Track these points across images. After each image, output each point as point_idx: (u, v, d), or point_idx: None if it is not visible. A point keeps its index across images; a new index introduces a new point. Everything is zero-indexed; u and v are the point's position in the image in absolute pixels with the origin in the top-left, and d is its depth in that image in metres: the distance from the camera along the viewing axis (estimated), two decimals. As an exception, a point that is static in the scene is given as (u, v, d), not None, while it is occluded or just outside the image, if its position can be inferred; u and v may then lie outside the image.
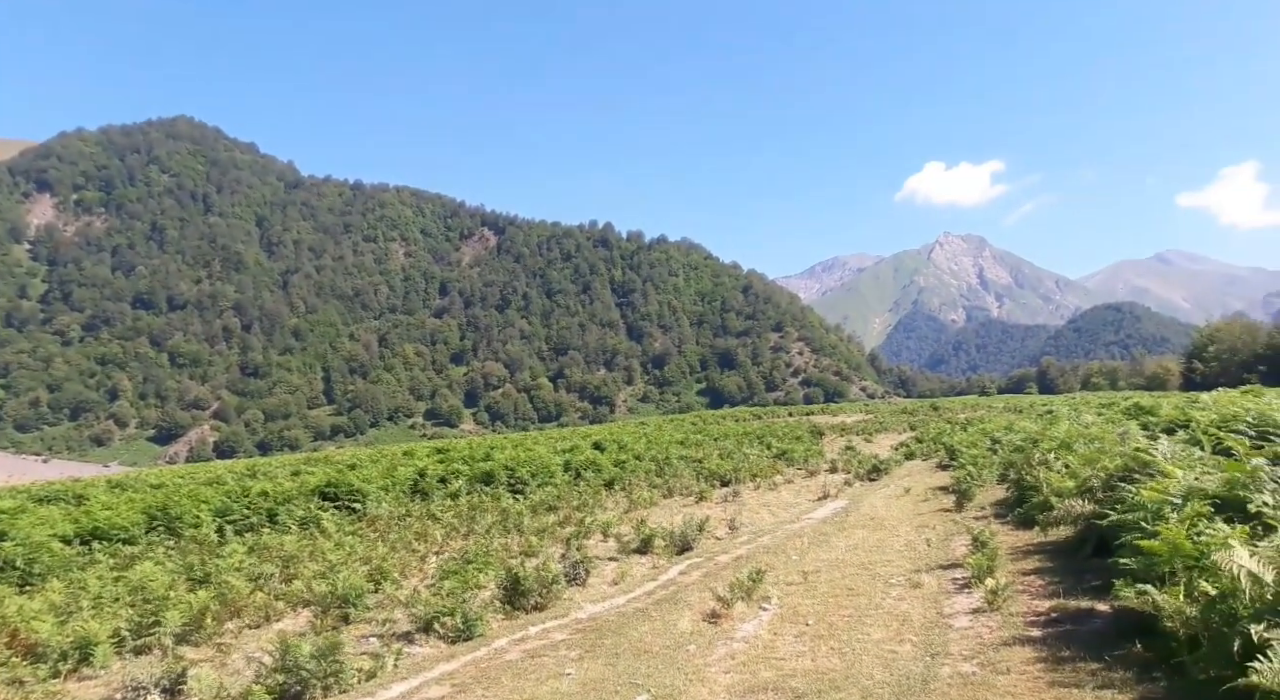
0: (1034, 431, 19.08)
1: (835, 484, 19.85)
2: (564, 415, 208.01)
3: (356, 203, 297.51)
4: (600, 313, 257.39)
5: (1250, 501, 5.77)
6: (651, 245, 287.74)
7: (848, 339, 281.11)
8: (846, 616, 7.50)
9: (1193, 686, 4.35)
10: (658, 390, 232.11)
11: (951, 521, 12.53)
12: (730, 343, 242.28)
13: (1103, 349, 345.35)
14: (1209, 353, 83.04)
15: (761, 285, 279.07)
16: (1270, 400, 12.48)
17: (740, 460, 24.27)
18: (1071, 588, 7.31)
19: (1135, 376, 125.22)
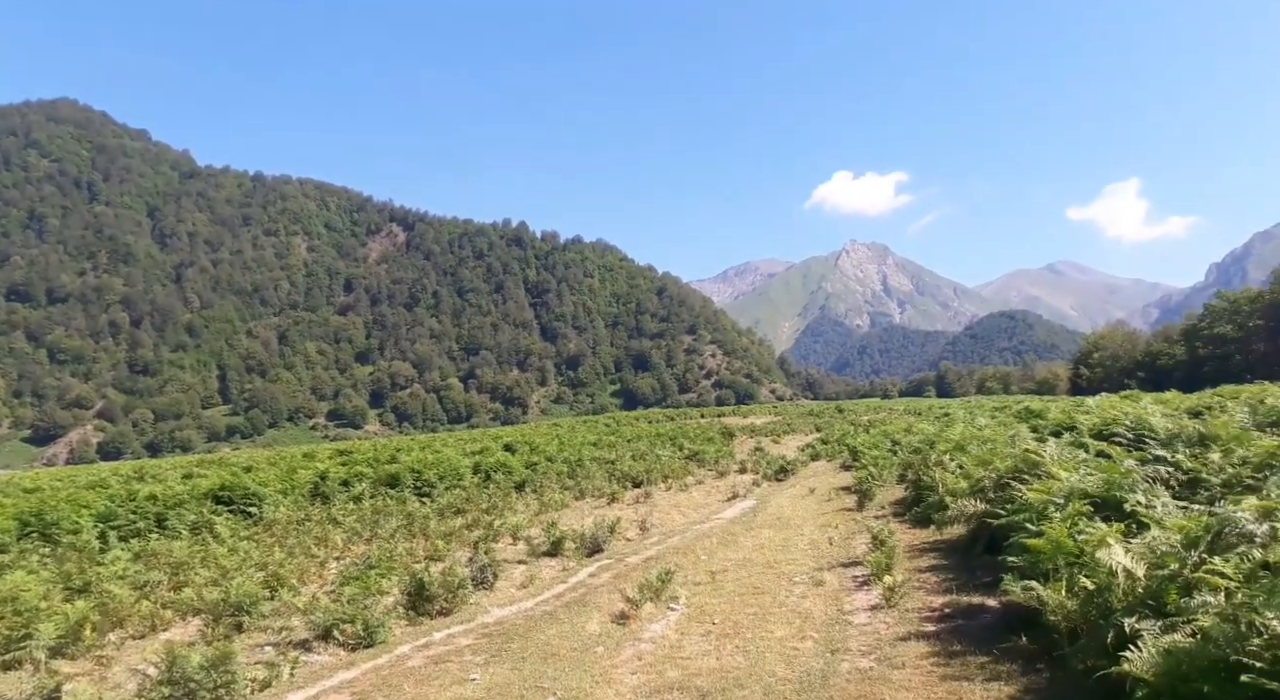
0: (931, 433, 19.89)
1: (744, 484, 20.20)
2: (475, 416, 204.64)
3: (256, 195, 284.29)
4: (513, 313, 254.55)
5: (1126, 501, 6.15)
6: (566, 246, 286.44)
7: (759, 342, 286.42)
8: (752, 615, 7.64)
9: (1072, 677, 4.59)
10: (572, 391, 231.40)
11: (853, 520, 12.91)
12: (645, 345, 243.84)
13: (997, 355, 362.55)
14: (1094, 359, 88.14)
15: (676, 288, 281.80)
16: (1147, 405, 13.32)
17: (653, 462, 24.42)
18: (964, 584, 7.63)
19: (1027, 381, 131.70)
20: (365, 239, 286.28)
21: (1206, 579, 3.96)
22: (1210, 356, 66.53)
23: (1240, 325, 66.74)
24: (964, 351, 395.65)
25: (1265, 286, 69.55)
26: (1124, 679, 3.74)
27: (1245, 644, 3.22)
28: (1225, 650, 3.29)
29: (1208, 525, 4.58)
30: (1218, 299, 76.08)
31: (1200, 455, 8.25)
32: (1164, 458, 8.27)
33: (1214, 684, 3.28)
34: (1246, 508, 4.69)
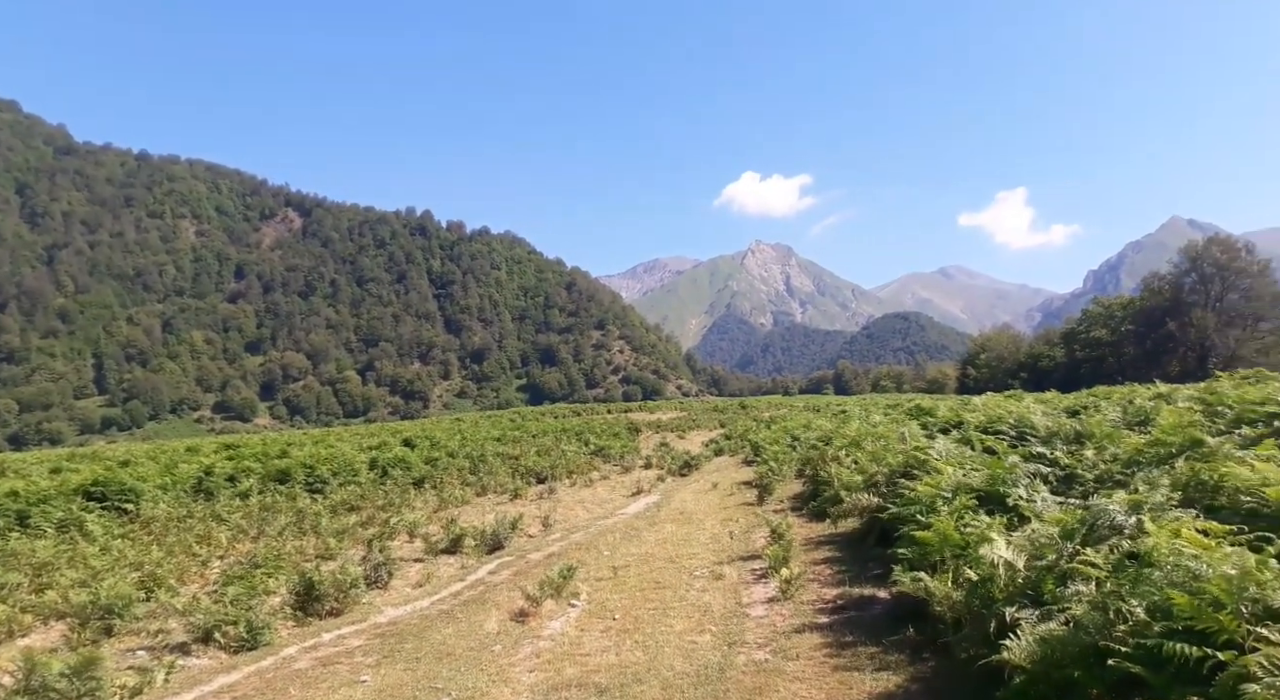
0: (829, 430, 20.47)
1: (649, 480, 20.30)
2: (373, 410, 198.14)
3: (141, 175, 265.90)
4: (416, 304, 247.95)
5: (1008, 495, 6.45)
6: (473, 236, 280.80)
7: (666, 339, 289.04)
8: (652, 609, 7.65)
9: (956, 665, 4.77)
10: (476, 386, 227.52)
11: (753, 514, 13.13)
12: (552, 339, 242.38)
13: (892, 354, 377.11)
14: (981, 360, 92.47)
15: (585, 283, 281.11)
16: (1029, 404, 14.06)
17: (558, 457, 24.26)
18: (857, 576, 7.84)
19: (919, 380, 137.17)
20: (259, 224, 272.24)
21: (1080, 569, 4.17)
22: (1087, 359, 70.87)
23: (1114, 330, 71.32)
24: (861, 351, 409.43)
25: (1136, 294, 74.46)
26: (1003, 667, 3.89)
27: (1113, 630, 3.40)
28: (1095, 636, 3.47)
29: (1082, 518, 4.83)
30: (1094, 305, 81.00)
31: (1076, 452, 8.74)
32: (1044, 454, 8.73)
33: (1084, 669, 3.46)
34: (1116, 501, 4.97)
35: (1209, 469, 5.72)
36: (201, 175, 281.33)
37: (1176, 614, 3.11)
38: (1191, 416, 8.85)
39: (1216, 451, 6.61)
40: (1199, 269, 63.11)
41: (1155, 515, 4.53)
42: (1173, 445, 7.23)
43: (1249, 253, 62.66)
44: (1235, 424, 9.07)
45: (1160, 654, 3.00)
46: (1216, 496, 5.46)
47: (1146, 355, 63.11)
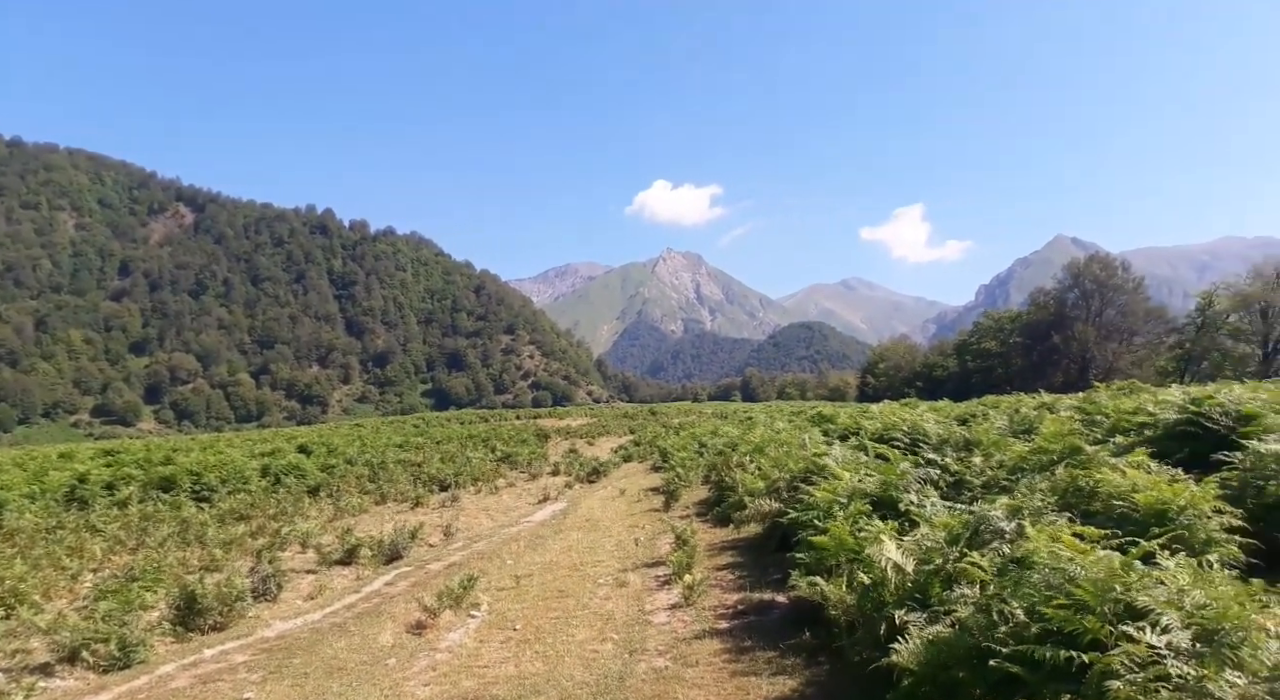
0: (734, 436, 20.78)
1: (556, 486, 20.15)
2: (267, 415, 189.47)
3: (14, 163, 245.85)
4: (315, 305, 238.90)
5: (900, 501, 6.66)
6: (377, 237, 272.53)
7: (577, 344, 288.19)
8: (554, 619, 7.56)
9: (850, 669, 4.87)
10: (378, 390, 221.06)
11: (659, 521, 13.17)
12: (460, 343, 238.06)
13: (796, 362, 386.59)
14: (879, 369, 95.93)
15: (495, 286, 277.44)
16: (922, 413, 14.58)
17: (462, 464, 23.82)
18: (757, 581, 7.94)
19: (821, 388, 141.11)
20: (146, 219, 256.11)
21: (965, 572, 4.33)
22: (978, 369, 74.40)
23: (1002, 342, 75.13)
24: (767, 359, 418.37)
25: (1024, 308, 78.56)
26: (893, 669, 3.99)
27: (995, 632, 3.53)
28: (978, 638, 3.60)
29: (967, 523, 5.02)
30: (984, 318, 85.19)
31: (965, 459, 9.11)
32: (935, 461, 9.06)
33: (968, 670, 3.57)
34: (1000, 507, 5.19)
35: (1086, 475, 6.04)
36: (83, 165, 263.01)
37: (1051, 616, 3.26)
38: (1071, 425, 9.36)
39: (1093, 459, 7.00)
40: (1081, 285, 67.08)
41: (1035, 520, 4.75)
42: (1054, 452, 7.61)
43: (1125, 271, 67.04)
44: (1111, 433, 9.63)
45: (1036, 654, 3.13)
46: (1092, 502, 5.76)
47: (1033, 366, 66.68)
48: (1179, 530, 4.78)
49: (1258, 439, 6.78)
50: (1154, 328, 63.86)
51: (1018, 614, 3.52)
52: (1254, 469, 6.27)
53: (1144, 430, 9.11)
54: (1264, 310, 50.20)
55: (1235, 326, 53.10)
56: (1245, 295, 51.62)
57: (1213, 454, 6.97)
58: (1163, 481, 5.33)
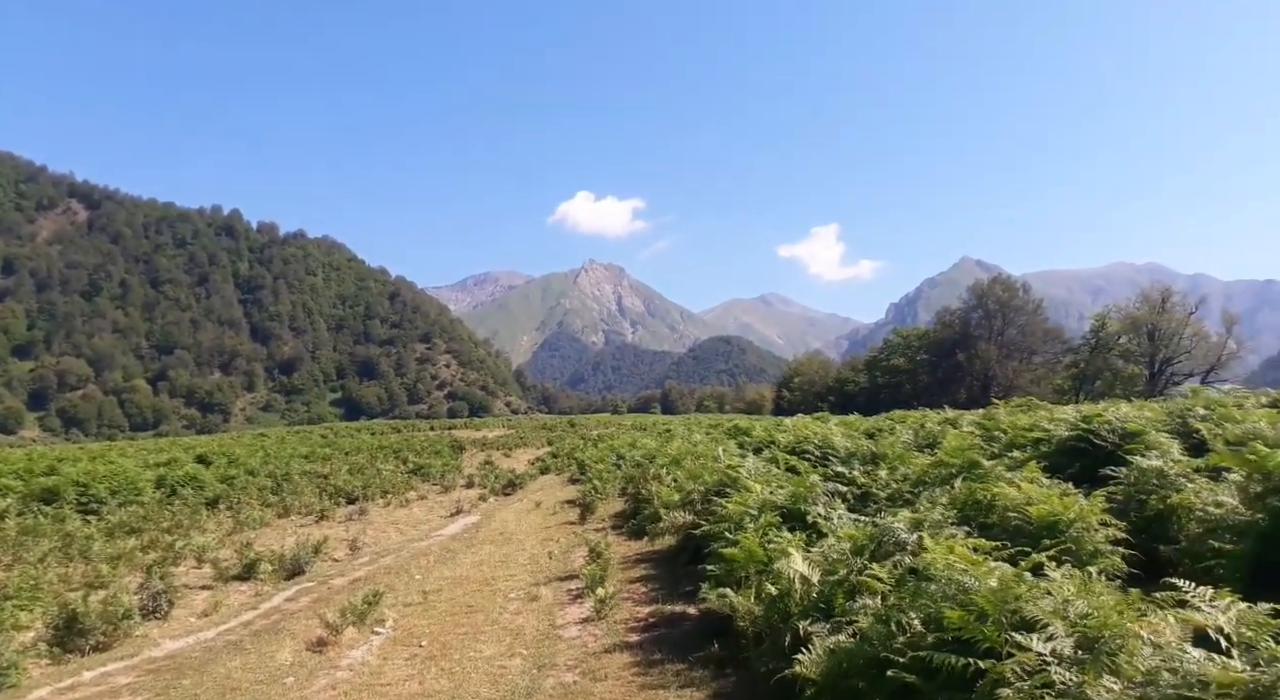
0: (652, 448, 20.84)
1: (470, 499, 19.79)
2: (165, 423, 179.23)
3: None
4: (219, 309, 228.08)
5: (809, 513, 6.78)
6: (286, 239, 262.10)
7: (496, 354, 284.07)
8: (462, 634, 7.40)
9: (756, 679, 4.91)
10: (284, 399, 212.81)
11: (575, 534, 13.08)
12: (373, 351, 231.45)
13: (715, 376, 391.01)
14: (794, 383, 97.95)
15: (410, 293, 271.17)
16: (832, 426, 14.94)
17: (371, 476, 23.18)
18: (670, 593, 7.96)
19: (739, 401, 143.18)
20: (34, 214, 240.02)
21: (867, 583, 4.42)
22: (887, 385, 76.73)
23: (910, 359, 77.73)
24: (687, 372, 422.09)
25: (931, 326, 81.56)
26: (796, 679, 4.04)
27: (893, 641, 3.62)
28: (878, 648, 3.68)
29: (870, 535, 5.14)
30: (894, 335, 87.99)
31: (872, 472, 9.37)
32: (843, 474, 9.28)
33: (868, 680, 3.65)
34: (902, 519, 5.34)
35: (983, 489, 6.27)
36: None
37: (947, 625, 3.36)
38: (971, 440, 9.73)
39: (990, 473, 7.28)
40: (984, 306, 70.06)
41: (934, 532, 4.89)
42: (954, 466, 7.90)
43: (1025, 292, 70.40)
44: (1008, 448, 10.07)
45: (932, 663, 3.22)
46: (989, 514, 5.99)
47: (938, 383, 69.18)
48: (1068, 542, 5.01)
49: (1141, 455, 7.18)
50: (1051, 347, 67.15)
51: (915, 624, 3.61)
52: (1137, 483, 6.64)
53: (1039, 446, 9.56)
54: (1151, 332, 53.38)
55: (1125, 348, 56.25)
56: (1134, 318, 54.80)
57: (1101, 469, 7.36)
58: (1054, 495, 5.57)
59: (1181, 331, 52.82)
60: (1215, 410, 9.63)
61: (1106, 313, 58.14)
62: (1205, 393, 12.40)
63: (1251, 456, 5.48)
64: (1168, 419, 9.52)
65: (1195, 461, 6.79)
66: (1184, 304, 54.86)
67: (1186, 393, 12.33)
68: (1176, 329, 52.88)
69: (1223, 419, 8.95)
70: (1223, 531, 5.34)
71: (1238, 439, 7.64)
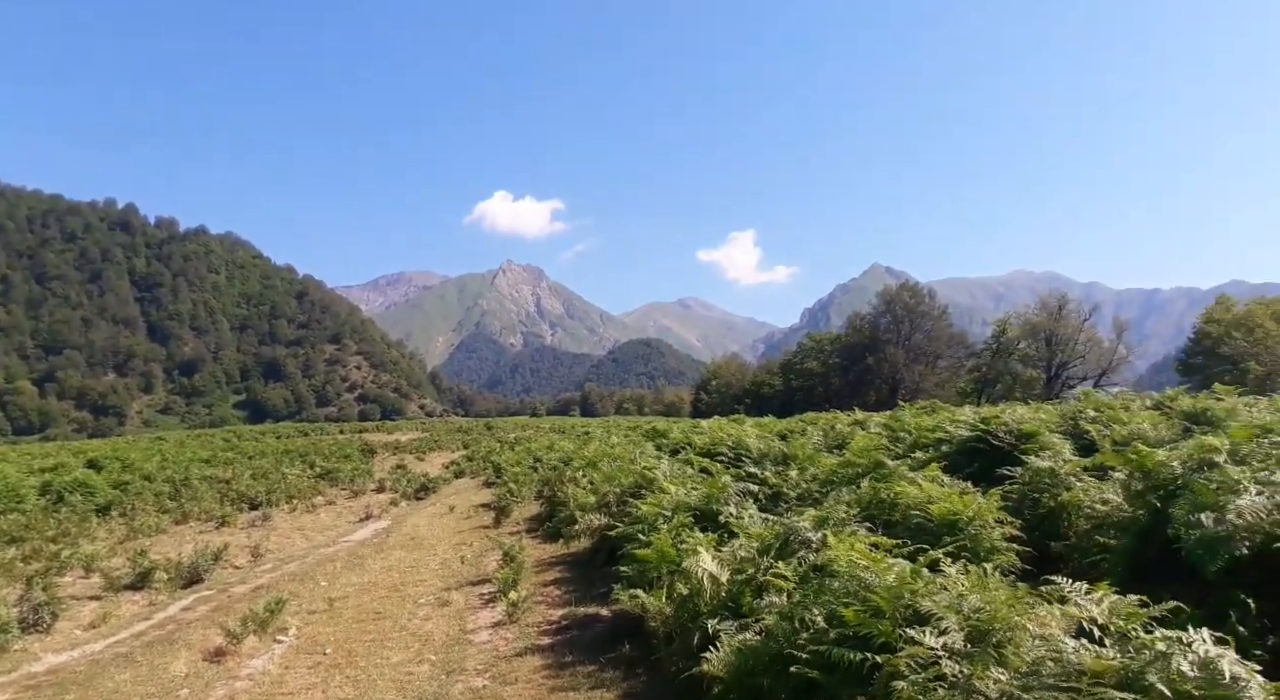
0: (570, 451, 20.78)
1: (381, 504, 19.32)
2: (53, 427, 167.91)
3: None
4: (113, 307, 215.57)
5: (721, 513, 6.86)
6: (187, 236, 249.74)
7: (410, 356, 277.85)
8: (369, 641, 7.21)
9: (666, 679, 4.94)
10: (184, 401, 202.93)
11: (488, 538, 12.92)
12: (279, 352, 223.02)
13: (634, 378, 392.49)
14: (712, 386, 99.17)
15: (319, 292, 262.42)
16: (747, 429, 15.19)
17: (276, 481, 22.36)
18: (583, 596, 7.93)
19: (658, 404, 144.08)
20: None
21: (773, 581, 4.50)
22: (800, 387, 78.46)
23: (823, 362, 79.73)
24: (607, 374, 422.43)
25: (842, 330, 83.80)
26: (704, 678, 4.08)
27: (797, 638, 3.69)
28: (783, 644, 3.74)
29: (779, 533, 5.24)
30: (807, 339, 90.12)
31: (783, 472, 9.55)
32: (755, 474, 9.44)
33: (772, 677, 3.71)
34: (807, 518, 5.46)
35: (887, 488, 6.47)
36: None
37: (847, 621, 3.45)
38: (878, 441, 10.04)
39: (894, 473, 7.52)
40: (892, 311, 72.43)
41: (838, 530, 5.02)
42: (860, 467, 8.12)
43: (932, 299, 73.12)
44: (912, 448, 10.41)
45: (832, 659, 3.30)
46: (892, 513, 6.17)
47: (849, 386, 71.08)
48: (966, 539, 5.21)
49: (1035, 455, 7.52)
50: (956, 352, 69.95)
51: (818, 620, 3.70)
52: (1031, 482, 6.95)
53: (941, 446, 9.92)
54: (1048, 338, 56.15)
55: (1024, 352, 59.00)
56: (1033, 324, 57.57)
57: (998, 468, 7.67)
58: (954, 494, 5.79)
59: (1076, 337, 55.70)
60: (1104, 412, 10.17)
61: (1007, 319, 60.87)
62: (1096, 396, 13.05)
63: (1133, 456, 5.80)
64: (1061, 421, 10.01)
65: (1084, 461, 7.13)
66: (1079, 311, 57.89)
67: (1079, 396, 12.98)
68: (1072, 335, 55.73)
69: (1111, 421, 9.46)
70: (1107, 528, 5.62)
71: (1123, 439, 8.10)
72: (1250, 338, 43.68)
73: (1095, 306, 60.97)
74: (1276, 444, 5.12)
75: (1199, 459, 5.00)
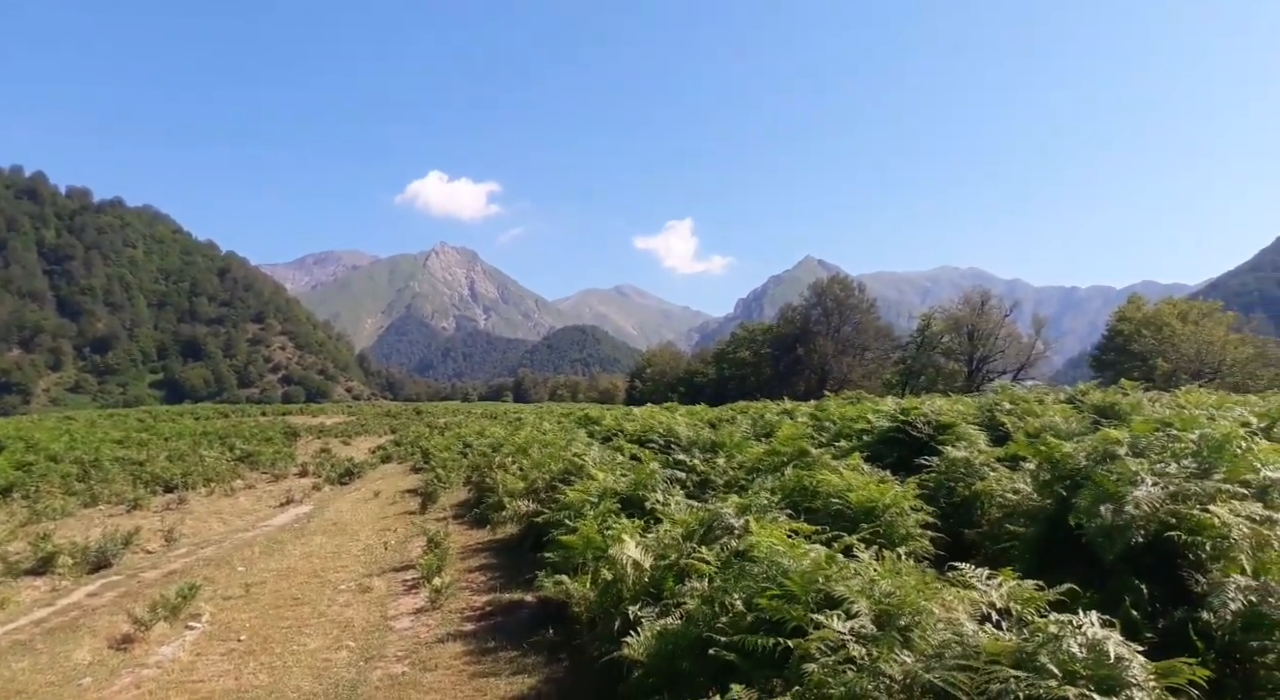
0: (501, 437, 20.63)
1: (303, 488, 18.86)
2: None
3: None
4: (19, 279, 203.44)
5: (647, 499, 6.91)
6: (101, 207, 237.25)
7: (337, 337, 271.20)
8: (286, 628, 7.04)
9: (588, 664, 4.96)
10: (96, 380, 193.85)
11: (413, 524, 12.74)
12: (199, 330, 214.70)
13: (569, 365, 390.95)
14: (647, 374, 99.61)
15: (243, 270, 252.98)
16: (678, 416, 15.32)
17: (194, 463, 21.57)
18: (509, 582, 7.90)
19: (592, 390, 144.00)
20: None
21: (695, 567, 4.56)
22: (733, 377, 79.41)
23: (755, 352, 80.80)
24: (541, 360, 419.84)
25: (775, 321, 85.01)
26: (624, 662, 4.11)
27: (717, 622, 3.75)
28: (703, 629, 3.80)
29: (702, 519, 5.30)
30: (740, 329, 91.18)
31: (711, 459, 9.67)
32: (684, 461, 9.53)
33: (691, 661, 3.77)
34: (731, 505, 5.53)
35: (810, 476, 6.60)
36: None
37: (764, 606, 3.52)
38: (804, 430, 10.22)
39: (817, 461, 7.67)
40: (823, 303, 73.81)
41: (760, 517, 5.11)
42: (786, 454, 8.27)
43: (861, 292, 74.79)
44: (836, 437, 10.65)
45: (748, 643, 3.37)
46: (814, 500, 6.31)
47: (780, 376, 72.24)
48: (883, 526, 5.36)
49: (952, 446, 7.79)
50: (883, 344, 71.71)
51: (737, 605, 3.76)
52: (947, 472, 7.19)
53: (863, 436, 10.17)
54: (970, 332, 57.94)
55: (948, 346, 60.76)
56: (956, 319, 59.33)
57: (916, 458, 7.91)
58: (872, 482, 5.95)
59: (997, 332, 57.62)
60: (1019, 405, 10.57)
61: (932, 313, 62.56)
62: (1012, 389, 13.51)
63: (1042, 448, 6.05)
64: (978, 413, 10.37)
65: (998, 452, 7.41)
66: (1000, 307, 59.89)
67: (997, 389, 13.45)
68: (993, 330, 57.63)
69: (1025, 413, 9.84)
70: (1018, 516, 5.85)
71: (1035, 431, 8.44)
72: (1158, 336, 45.84)
73: (1016, 303, 63.17)
74: (1173, 437, 5.39)
75: (1102, 451, 5.23)
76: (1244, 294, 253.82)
